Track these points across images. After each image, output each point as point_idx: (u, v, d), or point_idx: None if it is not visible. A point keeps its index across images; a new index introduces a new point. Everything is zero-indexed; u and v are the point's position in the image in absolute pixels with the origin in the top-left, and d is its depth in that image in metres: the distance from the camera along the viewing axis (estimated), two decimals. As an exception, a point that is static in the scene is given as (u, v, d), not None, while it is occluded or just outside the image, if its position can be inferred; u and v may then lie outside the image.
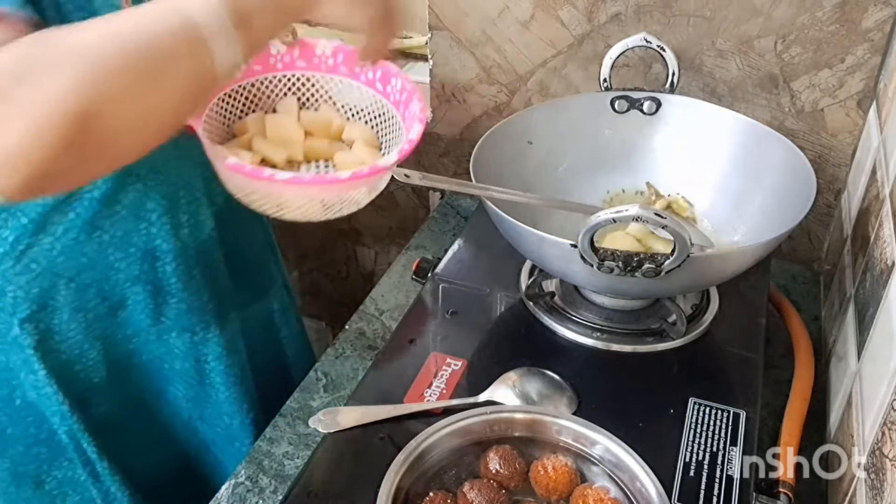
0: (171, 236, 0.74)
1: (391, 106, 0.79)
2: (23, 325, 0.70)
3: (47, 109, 0.43)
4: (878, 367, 0.62)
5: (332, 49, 0.80)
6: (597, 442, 0.61)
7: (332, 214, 0.67)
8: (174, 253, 0.74)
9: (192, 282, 0.77)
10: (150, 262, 0.74)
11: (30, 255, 0.67)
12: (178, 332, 0.79)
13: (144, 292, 0.75)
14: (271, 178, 0.62)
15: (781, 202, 0.77)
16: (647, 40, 0.86)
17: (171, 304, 0.77)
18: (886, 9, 0.84)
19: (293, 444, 0.73)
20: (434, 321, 0.81)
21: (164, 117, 0.50)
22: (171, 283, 0.76)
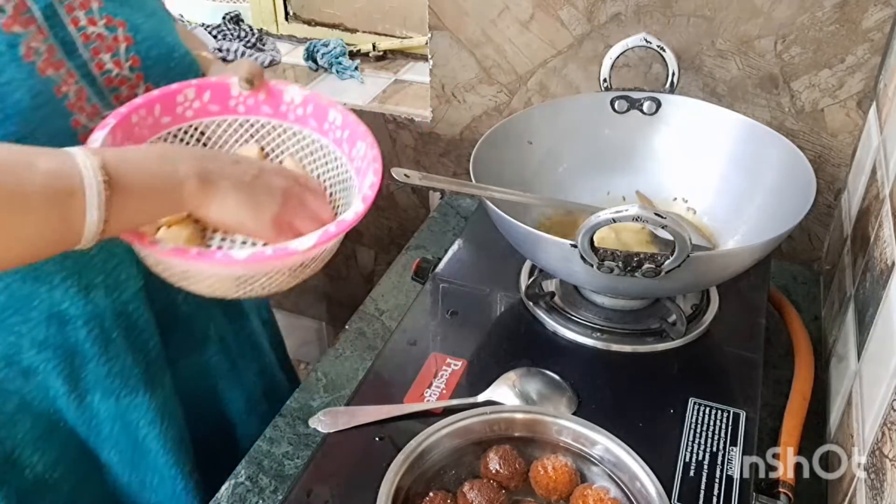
0: (79, 299, 0.68)
1: (353, 172, 0.71)
2: None
3: None
4: (878, 367, 0.62)
5: (303, 98, 0.73)
6: (597, 442, 0.61)
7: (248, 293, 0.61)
8: (86, 317, 0.69)
9: (112, 346, 0.72)
10: (57, 327, 0.68)
11: None
12: (101, 397, 0.73)
13: (56, 358, 0.69)
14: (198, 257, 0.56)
15: (781, 202, 0.77)
16: (647, 40, 0.86)
17: (88, 368, 0.71)
18: (886, 9, 0.84)
19: (293, 444, 0.73)
20: (434, 321, 0.81)
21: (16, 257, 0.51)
22: (86, 349, 0.70)
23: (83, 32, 0.65)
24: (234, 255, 0.56)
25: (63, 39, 0.64)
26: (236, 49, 1.33)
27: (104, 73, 0.67)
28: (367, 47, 1.33)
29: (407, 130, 1.18)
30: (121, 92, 0.68)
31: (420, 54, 1.33)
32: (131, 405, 0.75)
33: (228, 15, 1.41)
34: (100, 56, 0.66)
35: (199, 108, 0.71)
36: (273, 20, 1.43)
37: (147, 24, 0.70)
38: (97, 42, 0.66)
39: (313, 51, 1.31)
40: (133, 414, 0.75)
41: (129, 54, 0.68)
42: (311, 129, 0.73)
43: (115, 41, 0.68)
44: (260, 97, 0.73)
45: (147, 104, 0.67)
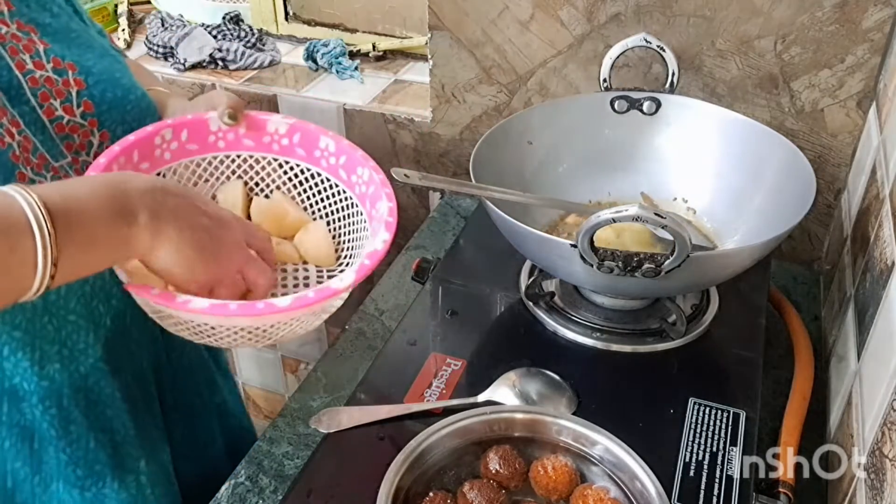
0: (31, 373, 0.62)
1: (356, 199, 0.68)
2: None
3: None
4: (878, 367, 0.62)
5: (288, 127, 0.69)
6: (597, 442, 0.61)
7: (268, 342, 0.58)
8: (41, 393, 0.63)
9: (72, 426, 0.65)
10: (12, 403, 0.63)
11: None
12: (64, 487, 0.67)
13: (13, 436, 0.64)
14: (184, 306, 0.51)
15: (781, 202, 0.77)
16: (646, 40, 0.86)
17: (49, 452, 0.66)
18: (886, 9, 0.84)
19: (293, 444, 0.73)
20: (434, 321, 0.81)
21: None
22: (44, 429, 0.64)
23: (30, 76, 0.60)
24: (277, 304, 0.52)
25: (8, 84, 0.59)
26: (236, 49, 1.33)
27: (54, 119, 0.62)
28: (367, 47, 1.33)
29: (407, 130, 1.18)
30: (73, 140, 0.63)
31: (420, 54, 1.33)
32: (98, 496, 0.68)
33: (228, 15, 1.41)
34: (49, 101, 0.61)
35: (177, 148, 0.66)
36: (273, 20, 1.43)
37: (98, 66, 0.65)
38: (45, 87, 0.61)
39: (313, 51, 1.31)
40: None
41: (81, 99, 0.63)
42: (298, 159, 0.70)
43: (65, 85, 0.62)
44: (241, 131, 0.68)
45: (125, 151, 0.62)
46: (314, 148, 0.69)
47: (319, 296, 0.54)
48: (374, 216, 0.64)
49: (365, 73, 1.30)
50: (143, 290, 0.52)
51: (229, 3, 1.46)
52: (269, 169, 0.70)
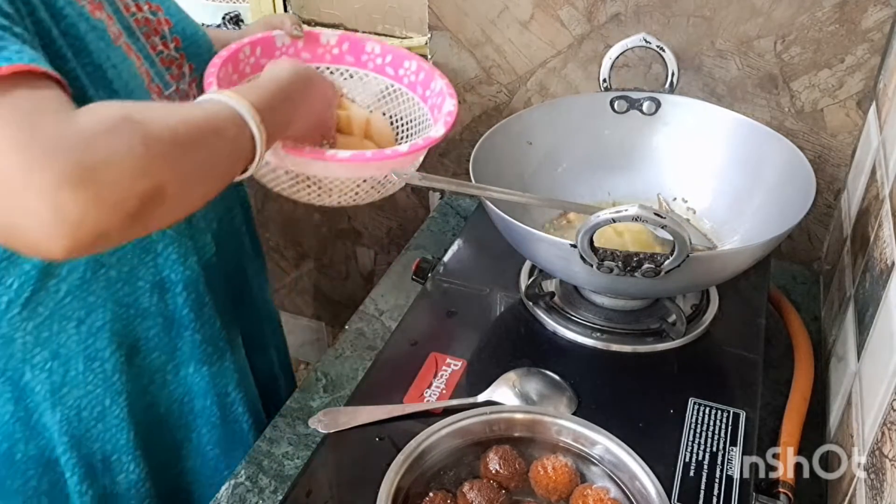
0: (178, 265, 0.72)
1: (406, 89, 0.82)
2: (35, 369, 0.68)
3: (125, 187, 0.46)
4: (878, 368, 0.62)
5: (337, 38, 0.82)
6: (597, 442, 0.61)
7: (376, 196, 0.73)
8: (184, 283, 0.72)
9: (204, 310, 0.75)
10: (159, 295, 0.72)
11: (36, 300, 0.65)
12: (195, 367, 0.77)
13: (157, 326, 0.73)
14: (334, 159, 0.65)
15: (781, 202, 0.77)
16: (646, 40, 0.86)
17: (185, 336, 0.75)
18: (886, 9, 0.84)
19: (293, 445, 0.73)
20: (434, 321, 0.81)
21: (209, 194, 0.56)
22: (184, 315, 0.74)
23: (135, 18, 0.69)
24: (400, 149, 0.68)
25: (124, 25, 0.66)
26: (236, 49, 1.33)
27: (158, 54, 0.71)
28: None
29: (407, 130, 1.18)
30: (172, 71, 0.72)
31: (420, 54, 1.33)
32: (220, 370, 0.79)
33: (228, 15, 1.41)
34: (151, 39, 0.70)
35: (255, 63, 0.79)
36: (274, 18, 1.43)
37: (174, 7, 0.75)
38: (146, 27, 0.70)
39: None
40: (223, 380, 0.79)
41: (173, 35, 0.73)
42: (348, 65, 0.84)
43: (158, 24, 0.71)
44: (300, 45, 0.82)
45: (223, 64, 0.73)
46: (361, 53, 0.82)
47: (427, 142, 0.70)
48: (429, 95, 0.80)
49: (365, 73, 1.30)
50: (296, 151, 0.67)
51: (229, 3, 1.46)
52: (325, 74, 0.82)
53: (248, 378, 0.83)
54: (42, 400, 0.69)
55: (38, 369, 0.68)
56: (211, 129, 0.54)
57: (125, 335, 0.71)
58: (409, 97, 0.83)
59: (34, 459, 0.72)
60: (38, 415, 0.70)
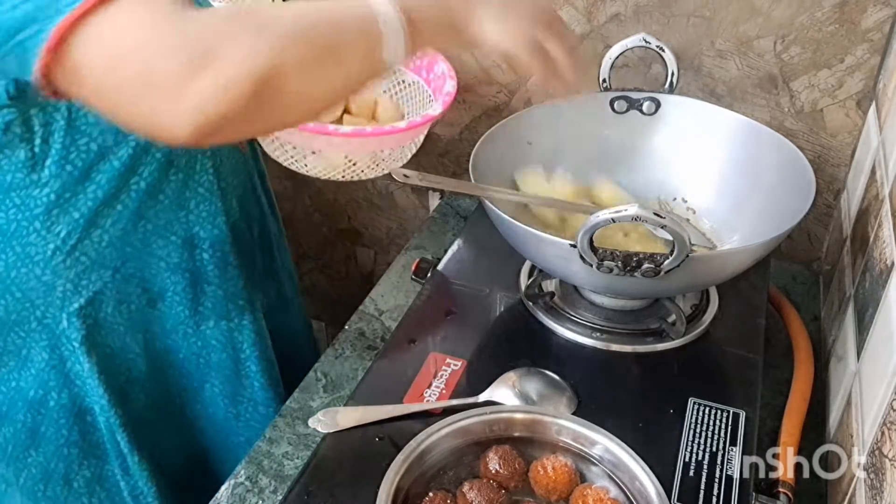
0: (208, 224, 0.76)
1: (411, 73, 0.85)
2: (71, 318, 0.71)
3: (243, 65, 0.47)
4: (878, 367, 0.62)
5: None
6: (596, 442, 0.61)
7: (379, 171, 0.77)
8: (211, 240, 0.77)
9: (228, 268, 0.79)
10: (188, 250, 0.76)
11: (80, 249, 0.69)
12: (215, 321, 0.81)
13: (183, 280, 0.77)
14: (336, 133, 0.68)
15: (781, 202, 0.77)
16: (646, 41, 0.86)
17: (207, 291, 0.79)
18: (886, 9, 0.84)
19: (293, 445, 0.73)
20: (434, 321, 0.81)
21: (334, 91, 0.55)
22: (209, 271, 0.78)
23: None
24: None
25: None
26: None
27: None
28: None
29: (406, 130, 1.18)
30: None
31: (420, 54, 1.33)
32: (239, 326, 0.82)
33: (228, 15, 1.41)
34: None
35: None
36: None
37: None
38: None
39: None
40: (239, 336, 0.83)
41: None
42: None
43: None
44: None
45: None
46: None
47: (425, 119, 0.74)
48: (433, 78, 0.83)
49: (364, 73, 1.30)
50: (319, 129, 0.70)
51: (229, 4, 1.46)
52: None
53: (265, 340, 0.86)
54: (77, 346, 0.73)
55: (75, 316, 0.72)
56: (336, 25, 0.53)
57: (153, 283, 0.75)
58: (413, 80, 0.86)
59: (66, 408, 0.76)
60: (72, 363, 0.74)
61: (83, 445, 0.78)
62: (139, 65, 0.47)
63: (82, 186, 0.66)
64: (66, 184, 0.65)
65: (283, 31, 0.49)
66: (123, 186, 0.68)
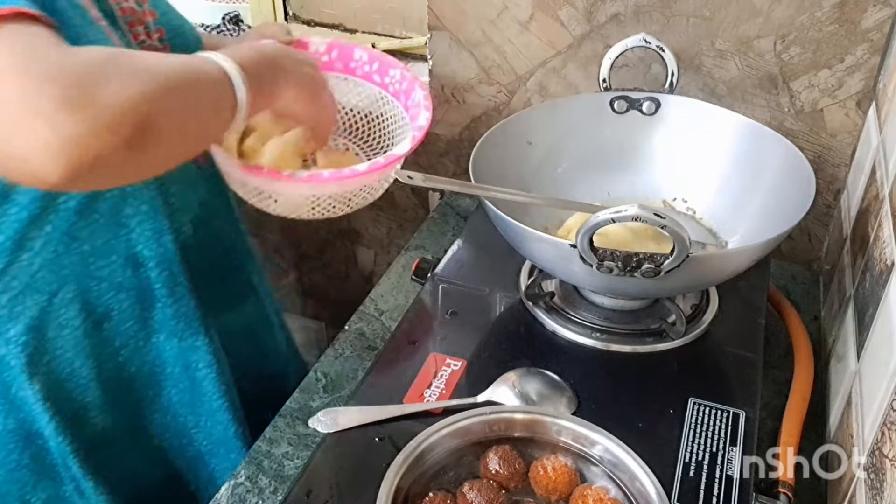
0: (152, 242, 0.73)
1: (391, 97, 0.82)
2: (9, 345, 0.69)
3: (124, 107, 0.49)
4: (878, 367, 0.62)
5: (326, 46, 0.83)
6: (596, 442, 0.61)
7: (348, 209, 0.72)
8: (157, 259, 0.74)
9: (178, 288, 0.76)
10: (132, 269, 0.73)
11: (10, 273, 0.67)
12: (165, 337, 0.78)
13: (129, 298, 0.74)
14: (292, 179, 0.65)
15: (781, 202, 0.77)
16: (646, 41, 0.86)
17: (157, 308, 0.76)
18: (886, 9, 0.84)
19: (293, 445, 0.73)
20: (434, 321, 0.81)
21: (199, 138, 0.60)
22: (156, 289, 0.75)
23: (120, 7, 0.70)
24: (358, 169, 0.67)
25: (105, 13, 0.67)
26: (236, 49, 1.32)
27: (139, 43, 0.72)
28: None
29: (406, 131, 1.18)
30: None
31: (419, 54, 1.33)
32: (192, 347, 0.79)
33: (228, 15, 1.41)
34: (135, 28, 0.71)
35: None
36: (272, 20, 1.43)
37: (160, 1, 0.76)
38: (131, 16, 0.71)
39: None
40: (193, 356, 0.80)
41: (157, 27, 0.74)
42: (338, 72, 0.83)
43: (143, 15, 0.72)
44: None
45: None
46: (350, 60, 0.83)
47: (388, 159, 0.68)
48: (410, 105, 0.79)
49: (364, 73, 1.30)
50: (256, 171, 0.66)
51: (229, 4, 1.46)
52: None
53: (222, 364, 0.82)
54: (19, 373, 0.70)
55: (13, 343, 0.69)
56: (196, 73, 0.56)
57: (96, 305, 0.73)
58: (394, 105, 0.82)
59: (14, 433, 0.73)
60: (16, 388, 0.71)
61: (36, 468, 0.75)
62: (12, 95, 0.47)
63: (3, 208, 0.64)
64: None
65: (160, 79, 0.52)
66: (50, 206, 0.66)
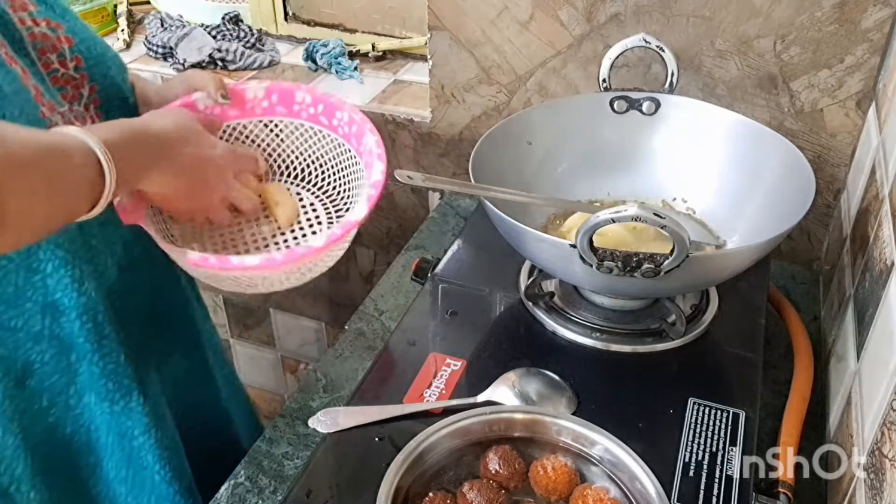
0: (71, 290, 0.67)
1: (342, 140, 0.76)
2: None
3: None
4: (878, 367, 0.62)
5: (265, 90, 0.78)
6: (596, 442, 0.61)
7: (309, 277, 0.69)
8: (79, 309, 0.68)
9: (105, 341, 0.71)
10: (52, 317, 0.68)
11: None
12: (96, 400, 0.72)
13: (51, 348, 0.69)
14: (242, 267, 0.62)
15: (780, 202, 0.77)
16: (646, 41, 0.86)
17: (83, 366, 0.71)
18: (885, 9, 0.84)
19: (293, 445, 0.73)
20: (434, 321, 0.81)
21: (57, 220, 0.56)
22: (80, 343, 0.70)
23: (30, 32, 0.66)
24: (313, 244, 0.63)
25: (12, 38, 0.63)
26: (235, 49, 1.33)
27: (50, 72, 0.67)
28: (367, 47, 1.33)
29: (406, 131, 1.18)
30: (66, 91, 0.68)
31: (419, 54, 1.33)
32: (125, 410, 0.74)
33: (228, 15, 1.41)
34: (46, 55, 0.67)
35: None
36: (272, 20, 1.43)
37: (79, 26, 0.71)
38: (43, 42, 0.67)
39: (312, 51, 1.31)
40: (128, 421, 0.74)
41: (73, 55, 0.69)
42: (281, 116, 0.78)
43: (58, 41, 0.68)
44: (225, 104, 0.77)
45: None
46: (292, 103, 0.77)
47: (344, 228, 0.64)
48: (363, 151, 0.73)
49: (364, 73, 1.30)
50: (202, 262, 0.62)
51: (229, 4, 1.46)
52: (256, 131, 0.78)
53: (164, 423, 0.77)
54: None
55: None
56: (54, 153, 0.53)
57: (14, 359, 0.67)
58: (346, 148, 0.77)
59: None
60: None
61: None
62: None
63: None
64: None
65: (11, 158, 0.49)
66: None
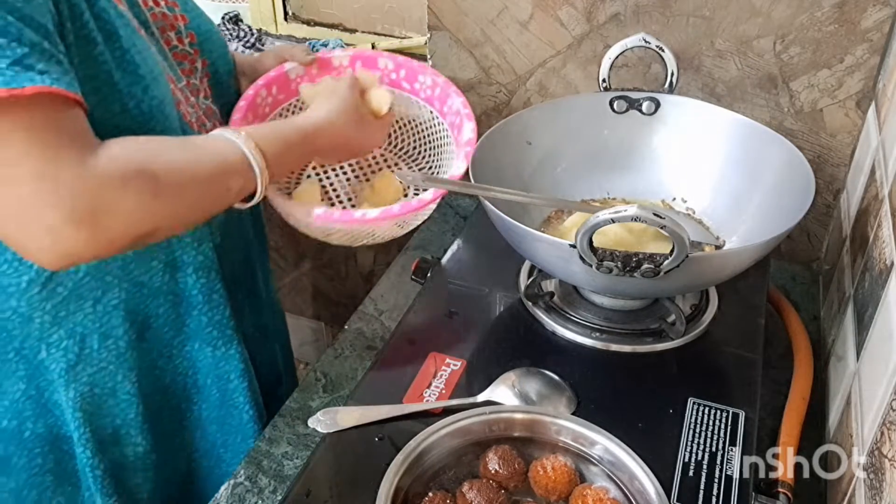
0: (191, 248, 0.74)
1: (423, 102, 0.83)
2: (50, 349, 0.70)
3: (127, 228, 0.54)
4: (877, 367, 0.62)
5: (349, 58, 0.85)
6: (596, 442, 0.61)
7: (407, 229, 0.78)
8: (195, 265, 0.75)
9: (214, 295, 0.77)
10: (171, 274, 0.74)
11: (56, 280, 0.67)
12: (199, 345, 0.79)
13: (167, 303, 0.75)
14: (363, 220, 0.70)
15: (780, 202, 0.77)
16: (645, 40, 0.86)
17: (192, 315, 0.77)
18: (885, 9, 0.84)
19: (292, 445, 0.73)
20: (433, 321, 0.81)
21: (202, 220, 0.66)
22: (193, 295, 0.76)
23: (152, 12, 0.72)
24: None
25: (140, 20, 0.69)
26: (235, 49, 1.33)
27: (172, 48, 0.73)
28: (367, 47, 1.33)
29: (406, 130, 1.18)
30: (184, 66, 0.75)
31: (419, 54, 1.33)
32: (225, 356, 0.80)
33: (228, 15, 1.41)
34: (167, 34, 0.73)
35: (272, 101, 0.83)
36: (272, 20, 1.43)
37: (190, 4, 0.78)
38: (163, 21, 0.73)
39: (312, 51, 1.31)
40: (226, 366, 0.81)
41: (188, 31, 0.75)
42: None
43: (175, 20, 0.74)
44: (313, 72, 0.85)
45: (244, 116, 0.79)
46: (375, 69, 0.84)
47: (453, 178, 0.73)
48: (447, 112, 0.80)
49: (364, 73, 1.30)
50: (327, 216, 0.70)
51: (228, 3, 1.46)
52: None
53: (251, 371, 0.84)
54: (56, 377, 0.71)
55: (55, 348, 0.70)
56: (216, 177, 0.61)
57: (137, 312, 0.73)
58: (428, 111, 0.84)
59: (42, 437, 0.74)
60: (50, 393, 0.72)
61: (58, 472, 0.76)
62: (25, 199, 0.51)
63: None
64: None
65: (174, 194, 0.56)
66: None
